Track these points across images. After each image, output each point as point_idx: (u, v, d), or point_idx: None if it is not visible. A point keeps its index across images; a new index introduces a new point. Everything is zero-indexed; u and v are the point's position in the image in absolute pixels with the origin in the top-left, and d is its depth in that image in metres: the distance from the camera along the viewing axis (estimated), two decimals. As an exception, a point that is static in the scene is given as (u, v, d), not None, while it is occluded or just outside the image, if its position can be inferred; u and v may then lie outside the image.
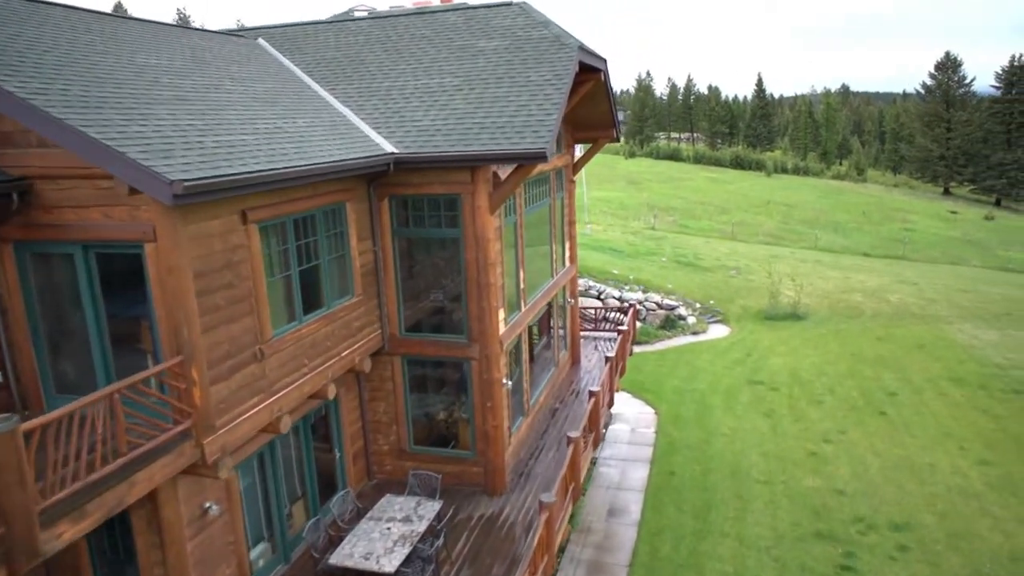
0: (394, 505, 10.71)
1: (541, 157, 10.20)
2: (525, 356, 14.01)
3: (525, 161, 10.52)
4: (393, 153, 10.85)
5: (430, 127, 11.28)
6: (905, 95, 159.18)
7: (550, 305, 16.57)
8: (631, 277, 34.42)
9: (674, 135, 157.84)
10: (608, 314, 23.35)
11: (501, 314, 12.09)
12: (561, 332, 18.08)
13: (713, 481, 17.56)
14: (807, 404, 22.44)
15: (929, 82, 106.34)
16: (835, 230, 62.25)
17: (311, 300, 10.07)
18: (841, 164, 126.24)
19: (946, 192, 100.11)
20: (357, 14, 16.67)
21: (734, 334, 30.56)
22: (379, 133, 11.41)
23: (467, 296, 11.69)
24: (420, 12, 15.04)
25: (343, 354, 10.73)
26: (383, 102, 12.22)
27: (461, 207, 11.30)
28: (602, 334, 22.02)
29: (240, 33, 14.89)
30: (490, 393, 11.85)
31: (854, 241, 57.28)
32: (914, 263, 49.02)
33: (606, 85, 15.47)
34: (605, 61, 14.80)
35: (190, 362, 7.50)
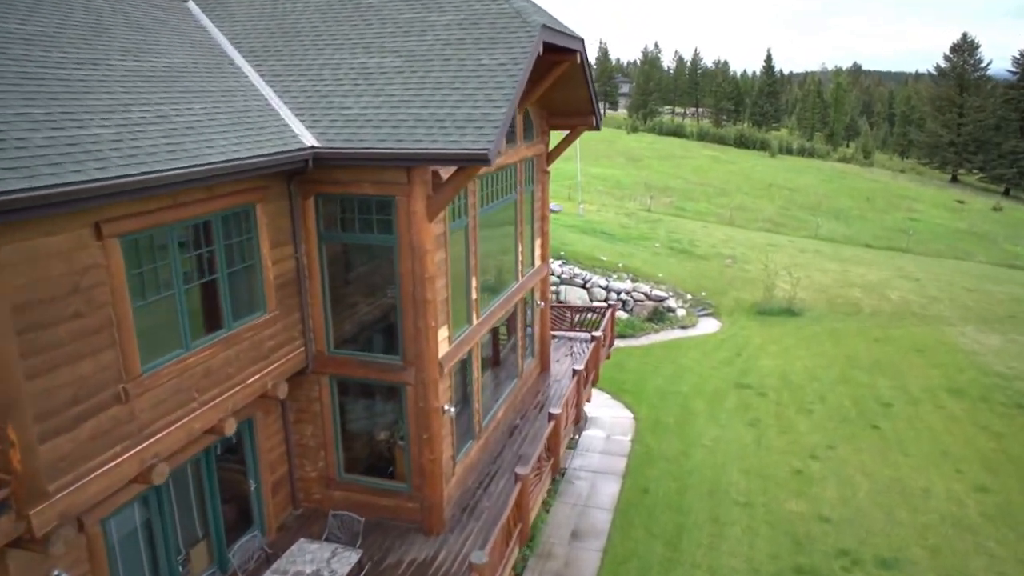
0: (306, 554, 9.31)
1: (483, 160, 8.55)
2: (476, 375, 12.50)
3: (464, 163, 8.87)
4: (313, 147, 9.18)
5: (359, 117, 9.57)
6: (917, 76, 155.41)
7: (515, 309, 15.04)
8: (620, 264, 32.81)
9: (679, 110, 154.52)
10: (593, 304, 21.89)
11: (443, 333, 10.55)
12: (528, 337, 16.57)
13: (689, 501, 16.29)
14: (796, 413, 21.10)
15: (943, 64, 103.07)
16: (837, 217, 60.34)
17: (204, 322, 8.49)
18: (848, 146, 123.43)
19: (954, 179, 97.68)
20: None
21: (725, 330, 29.11)
22: (301, 121, 9.72)
23: (402, 313, 10.12)
24: (374, -23, 13.18)
25: (249, 381, 9.18)
26: (312, 83, 10.48)
27: (395, 211, 9.68)
28: (579, 334, 20.50)
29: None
30: (427, 423, 10.35)
31: (856, 230, 55.41)
32: (917, 256, 47.29)
33: (583, 68, 13.72)
34: (582, 41, 13.02)
35: (5, 418, 5.98)
